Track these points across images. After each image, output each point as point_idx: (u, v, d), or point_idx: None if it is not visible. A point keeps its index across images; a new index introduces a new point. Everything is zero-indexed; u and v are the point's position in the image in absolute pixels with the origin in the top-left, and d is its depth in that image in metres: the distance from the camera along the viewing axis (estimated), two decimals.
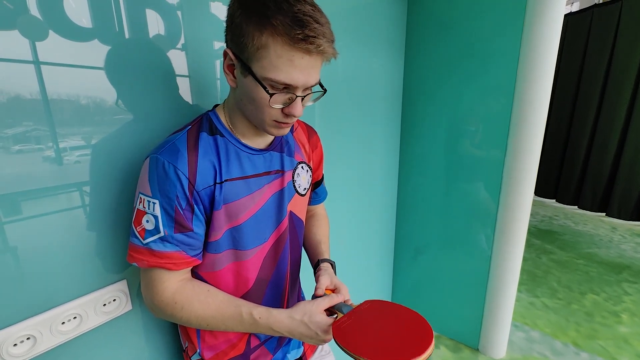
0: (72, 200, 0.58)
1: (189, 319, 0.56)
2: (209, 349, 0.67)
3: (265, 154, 0.63)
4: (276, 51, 0.47)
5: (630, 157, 3.16)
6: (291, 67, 0.48)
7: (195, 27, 0.70)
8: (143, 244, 0.53)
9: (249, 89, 0.52)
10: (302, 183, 0.71)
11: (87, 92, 0.57)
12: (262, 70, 0.49)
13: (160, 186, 0.52)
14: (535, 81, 1.32)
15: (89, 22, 0.55)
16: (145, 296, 0.57)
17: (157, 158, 0.52)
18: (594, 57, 3.31)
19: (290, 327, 0.56)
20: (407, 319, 0.56)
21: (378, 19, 1.39)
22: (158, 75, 0.65)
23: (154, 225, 0.52)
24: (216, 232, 0.58)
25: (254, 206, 0.61)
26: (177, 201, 0.53)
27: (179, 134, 0.56)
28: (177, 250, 0.54)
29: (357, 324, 0.55)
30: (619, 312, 2.06)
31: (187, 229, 0.54)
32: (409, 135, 1.74)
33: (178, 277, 0.56)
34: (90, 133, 0.58)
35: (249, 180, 0.60)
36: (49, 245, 0.55)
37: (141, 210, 0.53)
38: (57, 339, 0.57)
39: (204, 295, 0.57)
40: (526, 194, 1.46)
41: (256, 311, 0.57)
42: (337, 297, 0.61)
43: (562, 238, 3.19)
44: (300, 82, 0.50)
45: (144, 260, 0.53)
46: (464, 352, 1.73)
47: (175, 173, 0.52)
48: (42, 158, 0.54)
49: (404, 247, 1.90)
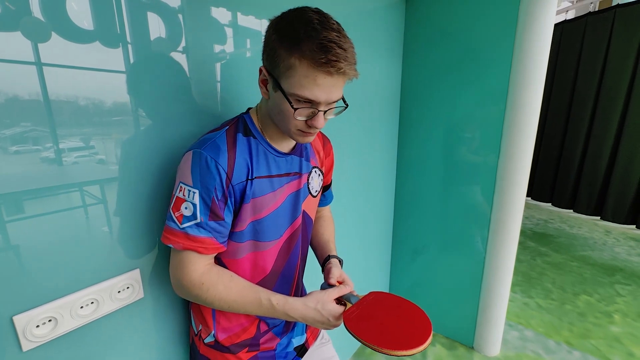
0: (93, 196, 0.62)
1: (212, 300, 0.62)
2: (223, 330, 0.72)
3: (287, 157, 0.71)
4: (302, 71, 0.54)
5: (624, 163, 3.22)
6: (315, 86, 0.55)
7: (196, 31, 0.74)
8: (180, 228, 0.59)
9: (278, 102, 0.59)
10: (315, 185, 0.78)
11: (88, 93, 0.60)
12: (290, 87, 0.56)
13: (202, 178, 0.58)
14: (527, 87, 1.38)
15: (90, 25, 0.58)
16: (174, 276, 0.63)
17: (200, 153, 0.59)
18: (588, 63, 3.38)
19: (304, 314, 0.63)
20: (407, 310, 0.64)
21: (377, 26, 1.45)
22: (160, 77, 0.69)
23: (192, 212, 0.59)
24: (242, 223, 0.65)
25: (274, 203, 0.68)
26: (215, 192, 0.59)
27: (219, 133, 0.62)
28: (209, 236, 0.61)
29: (364, 314, 0.62)
30: (611, 312, 2.11)
31: (220, 217, 0.61)
32: (406, 139, 1.79)
33: (205, 261, 0.63)
34: (100, 133, 0.62)
35: (273, 179, 0.67)
36: (71, 236, 0.60)
37: (181, 197, 0.59)
38: (76, 322, 0.61)
39: (227, 279, 0.64)
40: (519, 196, 1.51)
41: (274, 298, 0.63)
42: (346, 288, 0.69)
43: (557, 241, 3.24)
44: (322, 99, 0.56)
45: (179, 242, 0.59)
46: (459, 350, 1.77)
47: (216, 167, 0.58)
48: (51, 158, 0.57)
49: (401, 248, 1.94)
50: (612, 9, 3.12)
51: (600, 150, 3.38)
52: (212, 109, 0.80)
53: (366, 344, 0.55)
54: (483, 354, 1.74)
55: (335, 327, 0.66)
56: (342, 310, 0.64)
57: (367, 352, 1.76)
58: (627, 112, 3.16)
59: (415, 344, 0.54)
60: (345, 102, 0.64)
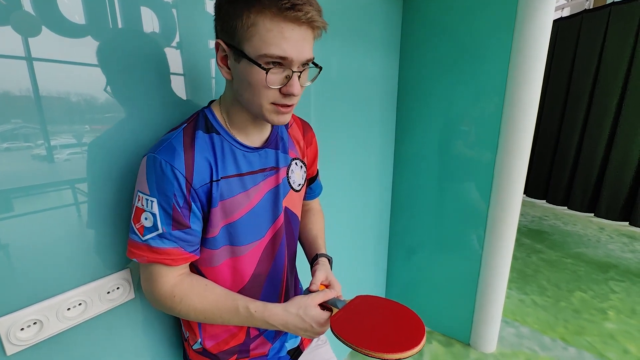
0: (80, 194, 0.59)
1: (187, 312, 0.58)
2: (210, 338, 0.68)
3: (260, 152, 0.64)
4: (265, 25, 0.48)
5: (618, 160, 3.24)
6: (282, 40, 0.49)
7: (190, 25, 0.72)
8: (142, 240, 0.54)
9: (245, 74, 0.52)
10: (297, 179, 0.72)
11: (80, 89, 0.57)
12: (254, 49, 0.49)
13: (158, 185, 0.53)
14: (525, 83, 1.37)
15: (82, 19, 0.55)
16: (145, 289, 0.60)
17: (154, 157, 0.53)
18: (583, 61, 3.39)
19: (285, 320, 0.58)
20: (399, 313, 0.59)
21: (374, 21, 1.43)
22: (153, 72, 0.66)
23: (152, 222, 0.54)
24: (213, 229, 0.60)
25: (249, 203, 0.63)
26: (175, 199, 0.54)
27: (175, 132, 0.56)
28: (175, 247, 0.56)
29: (353, 317, 0.58)
30: (605, 309, 2.12)
31: (185, 226, 0.56)
32: (403, 135, 1.77)
33: (177, 272, 0.58)
34: (91, 130, 0.60)
35: (244, 177, 0.62)
36: (57, 235, 0.57)
37: (140, 208, 0.54)
38: (63, 324, 0.59)
39: (201, 289, 0.59)
40: (516, 194, 1.51)
41: (252, 305, 0.58)
42: (331, 293, 0.63)
43: (552, 238, 3.26)
44: (294, 54, 0.50)
45: (143, 255, 0.55)
46: (455, 347, 1.77)
47: (173, 172, 0.53)
48: (37, 155, 0.55)
49: (398, 246, 1.93)
50: (608, 7, 3.12)
51: (595, 148, 3.40)
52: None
53: (357, 349, 0.50)
54: (479, 350, 1.74)
55: (319, 335, 0.60)
56: (326, 316, 0.59)
57: None
58: (621, 110, 3.18)
59: (409, 346, 0.50)
60: (317, 66, 0.57)
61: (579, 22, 3.36)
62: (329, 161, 1.25)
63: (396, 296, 1.98)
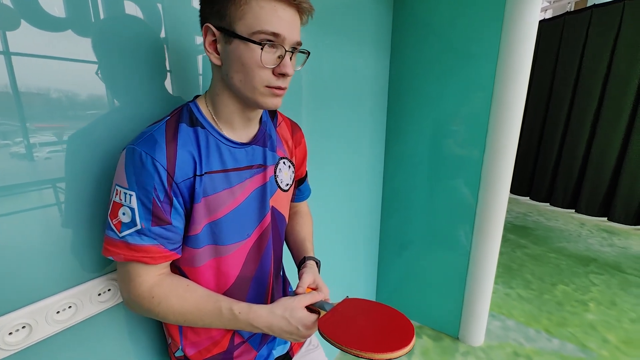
0: (68, 193, 0.58)
1: (166, 314, 0.55)
2: (192, 345, 0.65)
3: (247, 148, 0.62)
4: (258, 3, 0.49)
5: (597, 158, 3.37)
6: (275, 17, 0.50)
7: (175, 19, 0.70)
8: (119, 237, 0.51)
9: (237, 54, 0.52)
10: (285, 179, 0.70)
11: (60, 85, 0.55)
12: (247, 27, 0.50)
13: (137, 178, 0.50)
14: (512, 83, 1.40)
15: (62, 12, 0.53)
16: (121, 290, 0.57)
17: (133, 149, 0.51)
18: (565, 62, 3.50)
19: (270, 322, 0.56)
20: (388, 315, 0.58)
21: (364, 19, 1.43)
22: (137, 67, 0.64)
23: (131, 217, 0.51)
24: (196, 226, 0.57)
25: (233, 200, 0.60)
26: (155, 193, 0.51)
27: (157, 125, 0.54)
28: (155, 244, 0.53)
29: (341, 319, 0.56)
30: (586, 301, 2.21)
31: (165, 222, 0.53)
32: (393, 134, 1.79)
33: (156, 272, 0.55)
34: (73, 127, 0.58)
35: (229, 173, 0.59)
36: (46, 235, 0.55)
37: (117, 202, 0.51)
38: (52, 328, 0.57)
39: (182, 290, 0.56)
40: (503, 191, 1.55)
41: (236, 306, 0.56)
42: (319, 295, 0.61)
43: (535, 233, 3.36)
44: (286, 32, 0.51)
45: (120, 253, 0.52)
46: (444, 341, 1.81)
47: (153, 164, 0.50)
48: (21, 153, 0.53)
49: (389, 243, 1.95)
50: (589, 9, 3.23)
51: (576, 147, 3.53)
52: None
53: (346, 350, 0.49)
54: (468, 344, 1.78)
55: (305, 338, 0.58)
56: (313, 319, 0.57)
57: None
58: (600, 110, 3.30)
59: (398, 346, 0.49)
60: (305, 51, 0.58)
61: (562, 23, 3.47)
62: (320, 160, 1.25)
63: (387, 293, 2.00)
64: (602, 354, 1.73)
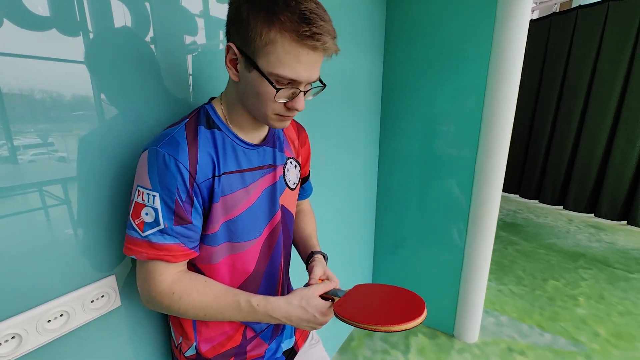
0: (58, 196, 0.56)
1: (187, 309, 0.57)
2: (206, 341, 0.67)
3: (259, 149, 0.65)
4: (284, 47, 0.49)
5: (584, 156, 3.45)
6: (297, 63, 0.50)
7: (165, 19, 0.68)
8: (142, 236, 0.53)
9: (254, 84, 0.53)
10: (292, 178, 0.73)
11: (45, 86, 0.53)
12: (269, 65, 0.50)
13: (161, 179, 0.52)
14: (504, 83, 1.42)
15: (46, 11, 0.52)
16: (142, 288, 0.57)
17: (157, 150, 0.52)
18: (552, 62, 3.56)
19: (288, 312, 0.58)
20: (398, 293, 0.63)
21: (358, 20, 1.43)
22: (124, 68, 0.62)
23: (154, 217, 0.52)
24: (213, 225, 0.59)
25: (248, 199, 0.63)
26: (178, 194, 0.53)
27: (177, 127, 0.56)
28: (176, 243, 0.55)
29: (355, 302, 0.60)
30: (576, 295, 2.25)
31: (187, 221, 0.55)
32: (388, 133, 1.79)
33: (176, 269, 0.57)
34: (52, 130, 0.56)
35: (244, 174, 0.62)
36: (35, 242, 0.53)
37: (140, 203, 0.53)
38: (43, 338, 0.55)
39: (201, 285, 0.58)
40: (495, 190, 1.56)
41: (254, 299, 0.58)
42: (331, 284, 0.65)
43: (526, 230, 3.42)
44: (305, 78, 0.52)
45: (142, 252, 0.53)
46: (440, 339, 1.82)
47: (176, 165, 0.52)
48: (4, 156, 0.51)
49: (384, 242, 1.96)
50: (575, 10, 3.29)
51: (563, 145, 3.60)
52: (185, 101, 0.75)
53: (363, 326, 0.53)
54: (463, 341, 1.80)
55: (322, 325, 0.61)
56: (328, 305, 0.61)
57: (352, 345, 1.77)
58: (586, 109, 3.37)
59: (412, 317, 0.54)
60: (322, 82, 0.59)
61: (549, 24, 3.53)
62: (316, 159, 1.24)
63: None
64: (593, 347, 1.76)
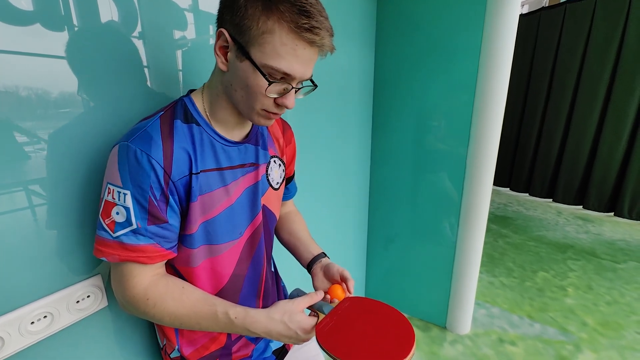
0: (38, 194, 0.54)
1: (161, 316, 0.54)
2: (189, 344, 0.64)
3: (240, 147, 0.62)
4: (281, 38, 0.47)
5: (572, 150, 3.51)
6: (293, 57, 0.48)
7: (152, 13, 0.66)
8: (113, 237, 0.49)
9: (245, 75, 0.50)
10: (275, 177, 0.70)
11: (28, 82, 0.51)
12: (263, 56, 0.48)
13: (132, 176, 0.48)
14: (495, 77, 1.42)
15: (29, 5, 0.49)
16: (115, 291, 0.55)
17: (127, 146, 0.48)
18: (541, 56, 3.60)
19: (268, 327, 0.54)
20: (387, 318, 0.57)
21: (349, 15, 1.41)
22: (110, 63, 0.60)
23: (125, 217, 0.49)
24: (191, 226, 0.56)
25: (227, 199, 0.60)
26: (151, 192, 0.50)
27: (151, 121, 0.52)
28: (151, 243, 0.51)
29: (339, 325, 0.55)
30: (565, 286, 2.30)
31: (162, 220, 0.52)
32: (380, 128, 1.79)
33: (151, 272, 0.53)
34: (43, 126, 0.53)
35: (223, 172, 0.59)
36: (15, 241, 0.51)
37: (110, 201, 0.49)
38: (26, 340, 0.53)
39: (178, 292, 0.54)
40: (486, 184, 1.57)
41: (232, 311, 0.54)
42: (317, 296, 0.61)
43: (516, 223, 3.47)
44: (299, 73, 0.50)
45: (114, 254, 0.50)
46: (432, 331, 1.84)
47: (149, 162, 0.49)
48: None
49: (377, 236, 1.96)
50: (563, 5, 3.32)
51: (552, 139, 3.65)
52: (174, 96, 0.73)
53: None
54: (455, 332, 1.82)
55: (303, 342, 0.57)
56: (313, 322, 0.56)
57: None
58: (575, 103, 3.42)
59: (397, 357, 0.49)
60: (313, 83, 0.57)
61: (538, 18, 3.56)
62: (308, 155, 1.23)
63: (375, 285, 2.02)
64: (582, 336, 1.80)
